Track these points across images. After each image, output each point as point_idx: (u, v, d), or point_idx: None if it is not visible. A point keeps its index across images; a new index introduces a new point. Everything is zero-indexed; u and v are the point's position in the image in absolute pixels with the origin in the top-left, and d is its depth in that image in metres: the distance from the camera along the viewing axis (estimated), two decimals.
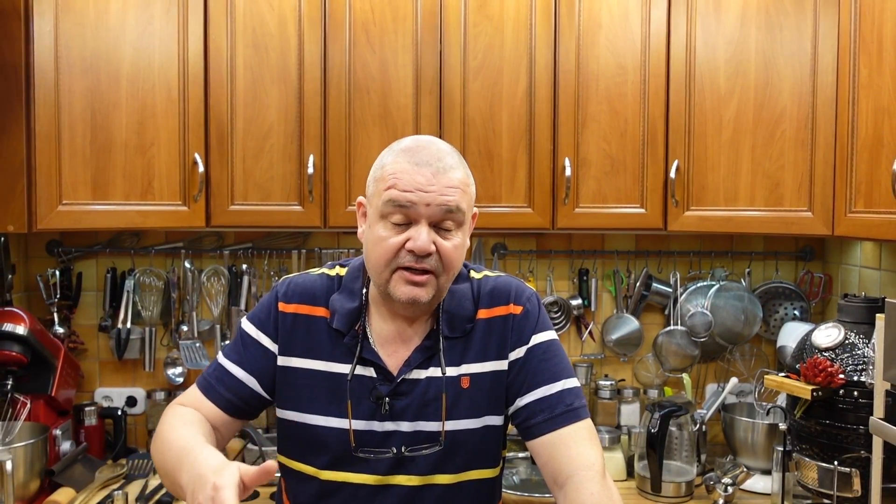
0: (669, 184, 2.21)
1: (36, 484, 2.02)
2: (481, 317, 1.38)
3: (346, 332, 1.35)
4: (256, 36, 2.19)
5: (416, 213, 1.26)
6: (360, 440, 1.33)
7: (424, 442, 1.33)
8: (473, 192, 1.35)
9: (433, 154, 1.28)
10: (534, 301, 1.41)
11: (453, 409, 1.34)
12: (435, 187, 1.25)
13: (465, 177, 1.30)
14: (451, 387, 1.34)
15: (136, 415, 2.56)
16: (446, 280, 1.31)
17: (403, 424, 1.33)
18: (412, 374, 1.34)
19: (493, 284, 1.41)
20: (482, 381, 1.36)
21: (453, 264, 1.29)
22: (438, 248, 1.27)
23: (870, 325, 1.84)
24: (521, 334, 1.38)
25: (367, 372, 1.34)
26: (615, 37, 2.21)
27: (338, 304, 1.37)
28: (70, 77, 2.11)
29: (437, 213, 1.26)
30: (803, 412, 1.90)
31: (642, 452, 2.23)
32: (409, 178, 1.25)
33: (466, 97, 2.21)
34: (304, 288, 1.40)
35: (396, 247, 1.26)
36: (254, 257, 2.54)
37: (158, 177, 2.17)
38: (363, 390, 1.34)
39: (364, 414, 1.33)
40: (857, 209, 1.98)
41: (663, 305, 2.61)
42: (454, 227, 1.28)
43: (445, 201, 1.26)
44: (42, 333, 2.20)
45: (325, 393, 1.34)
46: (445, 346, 1.35)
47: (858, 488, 1.80)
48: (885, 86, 1.85)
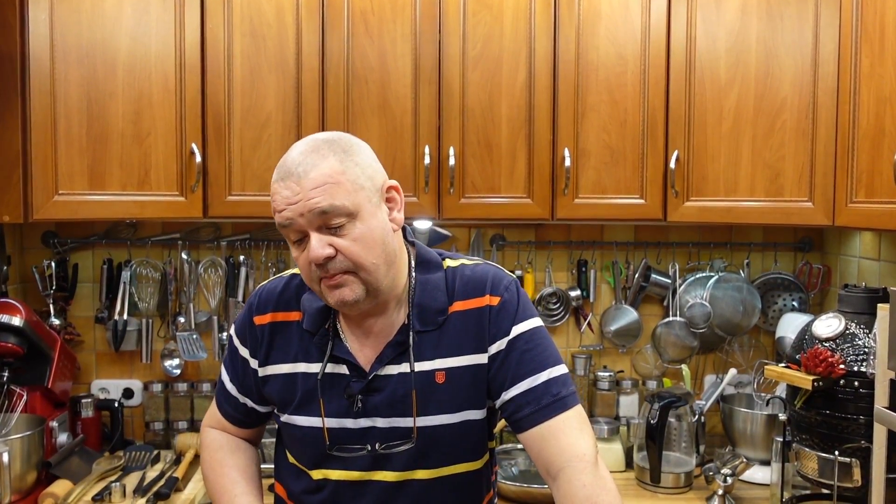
0: (669, 174, 2.20)
1: (33, 476, 2.02)
2: (456, 309, 1.34)
3: (315, 331, 1.35)
4: (254, 25, 2.17)
5: (300, 226, 1.23)
6: (334, 438, 1.33)
7: (399, 438, 1.32)
8: (360, 173, 1.25)
9: (295, 160, 1.24)
10: (512, 289, 1.36)
11: (427, 404, 1.31)
12: (300, 195, 1.21)
13: (336, 165, 1.23)
14: (424, 382, 1.31)
15: (133, 407, 2.54)
16: (369, 273, 1.25)
17: (378, 421, 1.32)
18: (384, 370, 1.32)
19: (470, 274, 1.36)
20: (459, 375, 1.32)
21: (362, 257, 1.24)
22: (339, 249, 1.23)
23: (870, 316, 1.84)
24: (499, 326, 1.33)
25: (339, 370, 1.34)
26: (615, 26, 2.20)
27: (307, 303, 1.37)
28: (66, 66, 2.09)
29: (315, 219, 1.22)
30: (803, 402, 1.90)
31: (641, 443, 2.23)
32: (280, 197, 1.23)
33: (465, 87, 2.20)
34: (276, 294, 1.40)
35: (306, 264, 1.25)
36: (251, 248, 2.53)
37: (155, 167, 2.16)
38: (336, 388, 1.33)
39: (338, 412, 1.33)
40: (858, 199, 1.97)
41: (662, 296, 2.60)
42: (344, 220, 1.23)
43: (314, 205, 1.21)
44: (38, 325, 2.19)
45: (301, 393, 1.35)
46: (417, 340, 1.32)
47: (858, 478, 1.80)
48: (887, 75, 1.84)
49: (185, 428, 2.49)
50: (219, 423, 1.50)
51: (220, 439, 1.49)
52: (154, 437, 2.49)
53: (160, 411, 2.50)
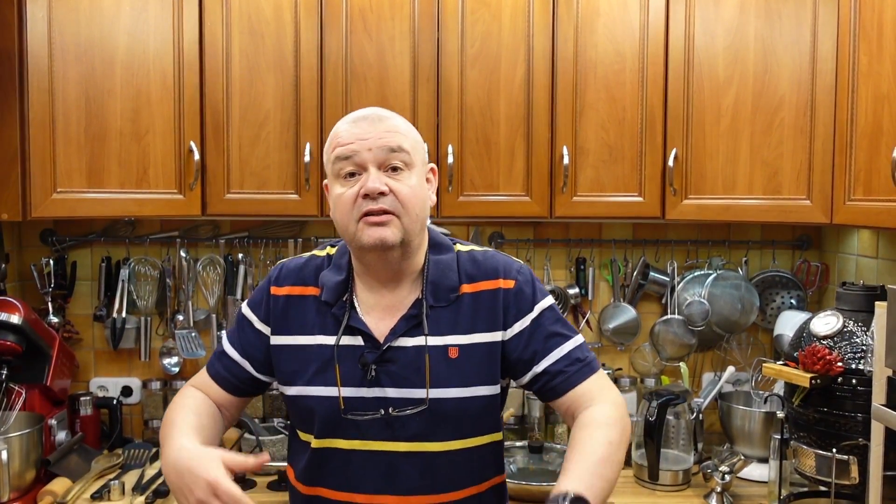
0: (668, 172, 2.20)
1: (32, 474, 2.02)
2: (468, 290, 1.41)
3: (333, 303, 1.41)
4: (252, 23, 2.17)
5: (362, 160, 1.32)
6: (348, 405, 1.37)
7: (411, 406, 1.36)
8: (418, 139, 1.40)
9: (370, 112, 1.37)
10: (525, 272, 1.45)
11: (439, 377, 1.37)
12: (373, 133, 1.33)
13: (406, 126, 1.38)
14: (438, 355, 1.37)
15: (132, 404, 2.55)
16: (411, 221, 1.34)
17: (389, 391, 1.37)
18: (398, 341, 1.38)
19: (480, 258, 1.44)
20: (471, 351, 1.39)
21: (411, 204, 1.33)
22: (392, 189, 1.32)
23: (868, 313, 1.84)
24: (520, 307, 1.41)
25: (354, 341, 1.39)
26: (613, 24, 2.20)
27: (326, 278, 1.43)
28: (64, 64, 2.09)
29: (381, 154, 1.32)
30: (801, 400, 1.90)
31: (640, 441, 2.24)
32: (348, 133, 1.34)
33: (464, 85, 2.20)
34: (296, 270, 1.47)
35: (353, 197, 1.32)
36: (250, 246, 2.53)
37: (154, 165, 2.16)
38: (351, 358, 1.38)
39: (352, 381, 1.38)
40: (856, 197, 1.98)
41: (660, 294, 2.61)
42: (403, 167, 1.33)
43: (385, 142, 1.32)
44: (37, 323, 2.19)
45: (316, 364, 1.40)
46: (431, 314, 1.38)
47: (856, 476, 1.80)
48: (885, 73, 1.84)
49: None
50: (202, 384, 1.49)
51: (193, 399, 1.46)
52: (153, 434, 2.49)
53: (159, 409, 2.50)
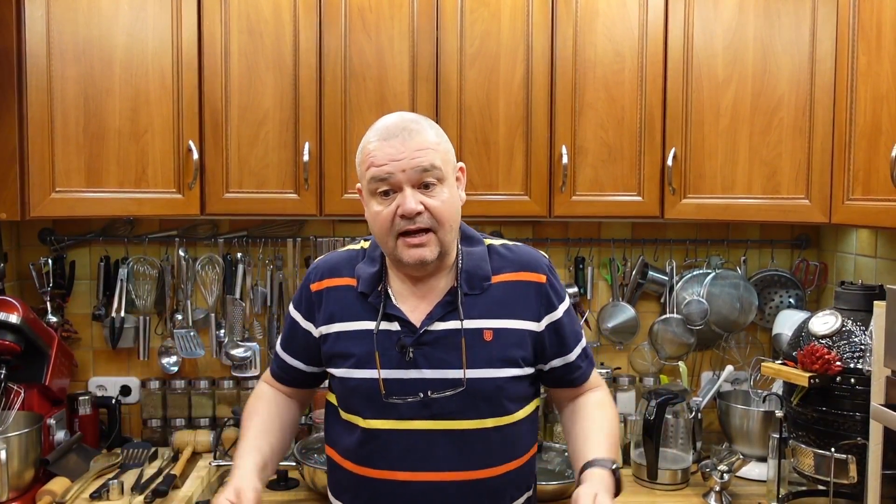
0: (666, 171, 2.20)
1: (30, 473, 2.02)
2: (501, 279, 1.51)
3: (369, 293, 1.50)
4: (251, 22, 2.16)
5: (397, 181, 1.40)
6: (389, 388, 1.45)
7: (449, 387, 1.45)
8: (448, 149, 1.47)
9: (399, 125, 1.42)
10: (552, 268, 1.57)
11: (475, 358, 1.45)
12: (405, 153, 1.39)
13: (435, 136, 1.44)
14: (473, 337, 1.46)
15: (131, 404, 2.54)
16: (445, 234, 1.43)
17: (427, 372, 1.45)
18: (434, 325, 1.46)
19: (510, 252, 1.55)
20: (505, 335, 1.48)
21: (446, 218, 1.42)
22: (427, 206, 1.40)
23: (867, 313, 1.84)
24: (550, 301, 1.52)
25: (391, 326, 1.47)
26: (612, 24, 2.20)
27: (361, 270, 1.52)
28: (62, 63, 2.09)
29: (415, 175, 1.39)
30: (800, 399, 1.90)
31: (638, 440, 2.24)
32: (382, 153, 1.40)
33: (463, 84, 2.20)
34: (331, 264, 1.57)
35: (390, 216, 1.41)
36: (249, 245, 2.53)
37: (152, 164, 2.16)
38: (389, 342, 1.47)
39: (391, 364, 1.46)
40: (855, 196, 1.98)
41: (659, 294, 2.61)
42: (436, 183, 1.41)
43: (418, 163, 1.39)
44: (35, 322, 2.19)
45: (357, 349, 1.48)
46: (465, 301, 1.47)
47: (855, 475, 1.80)
48: (884, 73, 1.84)
49: (183, 425, 2.49)
50: (268, 379, 1.68)
51: (264, 390, 1.67)
52: (152, 434, 2.49)
53: (158, 408, 2.50)
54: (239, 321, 2.49)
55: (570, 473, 2.22)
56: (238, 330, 2.49)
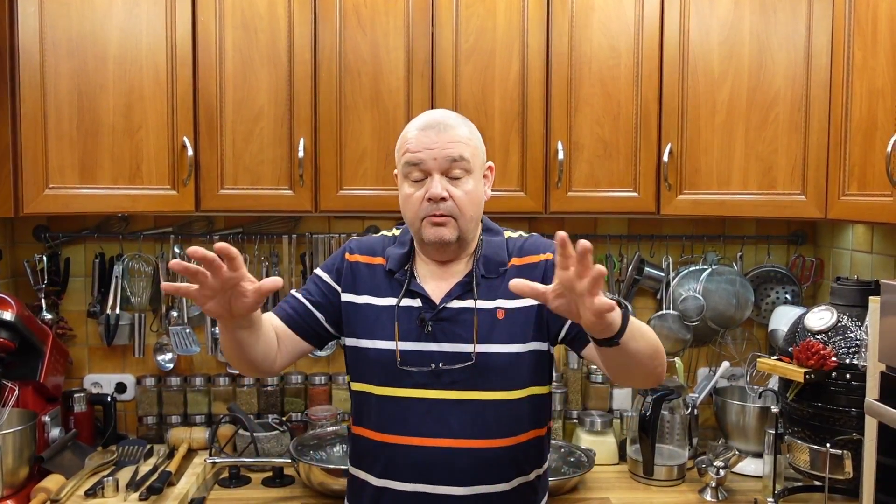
0: (662, 167, 2.20)
1: (25, 471, 2.01)
2: (515, 263, 1.62)
3: (396, 271, 1.62)
4: (245, 17, 2.16)
5: (427, 167, 1.53)
6: (404, 358, 1.57)
7: (460, 360, 1.55)
8: (479, 146, 1.60)
9: (437, 119, 1.57)
10: None
11: (487, 334, 1.56)
12: (438, 143, 1.52)
13: (468, 133, 1.57)
14: (486, 316, 1.57)
15: (126, 401, 2.54)
16: (466, 222, 1.55)
17: (444, 345, 1.56)
18: (452, 303, 1.58)
19: (526, 239, 1.67)
20: (516, 314, 1.58)
21: (467, 208, 1.54)
22: (452, 195, 1.52)
23: (862, 308, 1.84)
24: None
25: (413, 303, 1.59)
26: (608, 19, 2.19)
27: (391, 252, 1.66)
28: (56, 59, 2.08)
29: (445, 164, 1.52)
30: (795, 395, 1.90)
31: (634, 436, 2.24)
32: (418, 141, 1.54)
33: (458, 80, 2.19)
34: (368, 244, 1.70)
35: (419, 199, 1.54)
36: (244, 242, 2.52)
37: (147, 160, 2.15)
38: (410, 317, 1.59)
39: (410, 336, 1.58)
40: (851, 192, 1.98)
41: (655, 289, 2.61)
42: (463, 174, 1.53)
43: (449, 153, 1.52)
44: (30, 319, 2.18)
45: (379, 321, 1.60)
46: (482, 283, 1.59)
47: (850, 470, 1.81)
48: (880, 68, 1.84)
49: (179, 422, 2.48)
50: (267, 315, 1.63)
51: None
52: (147, 431, 2.49)
53: (153, 406, 2.50)
54: None
55: (565, 469, 2.22)
56: None
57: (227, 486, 2.17)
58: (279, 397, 2.52)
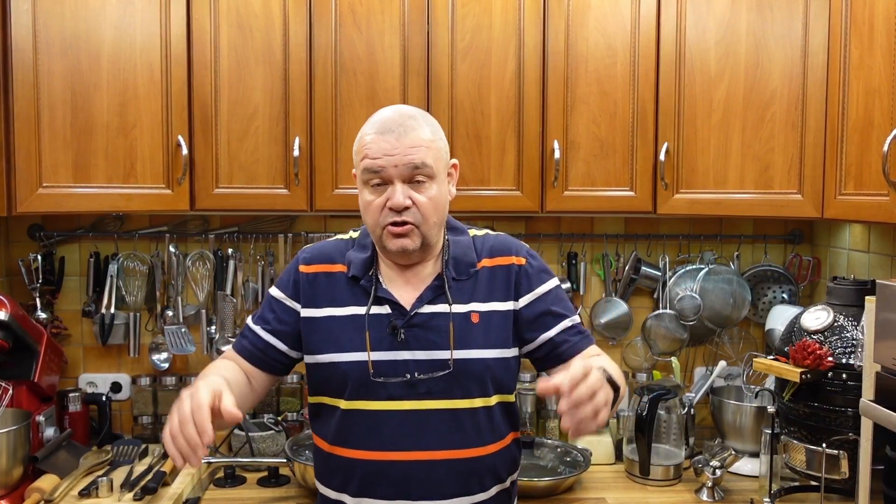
0: (659, 166, 2.19)
1: (19, 471, 2.00)
2: (486, 265, 1.57)
3: (361, 277, 1.55)
4: (240, 16, 2.15)
5: (388, 175, 1.45)
6: (377, 369, 1.49)
7: (435, 369, 1.49)
8: (442, 146, 1.51)
9: (396, 121, 1.47)
10: (533, 254, 1.63)
11: (463, 339, 1.51)
12: (399, 149, 1.44)
13: (429, 134, 1.48)
14: (461, 320, 1.52)
15: (121, 401, 2.53)
16: (429, 228, 1.48)
17: (417, 353, 1.50)
18: (424, 308, 1.52)
19: (493, 240, 1.62)
20: (490, 317, 1.54)
21: (430, 214, 1.47)
22: (415, 202, 1.45)
23: (859, 308, 1.84)
24: (530, 282, 1.57)
25: (382, 310, 1.52)
26: (604, 17, 2.19)
27: (353, 257, 1.58)
28: (49, 57, 2.07)
29: (406, 171, 1.45)
30: (791, 395, 1.90)
31: (631, 436, 2.23)
32: (377, 146, 1.45)
33: (454, 79, 2.18)
34: (322, 251, 1.61)
35: (380, 207, 1.47)
36: (240, 241, 2.51)
37: (141, 159, 2.14)
38: (380, 325, 1.51)
39: (381, 345, 1.50)
40: (848, 191, 1.97)
41: (652, 289, 2.60)
42: (426, 180, 1.46)
43: (410, 160, 1.44)
44: (24, 319, 2.17)
45: (347, 332, 1.52)
46: (453, 286, 1.53)
47: (846, 470, 1.80)
48: (876, 66, 1.83)
49: None
50: (231, 356, 1.62)
51: (224, 365, 1.58)
52: (142, 431, 2.48)
53: (148, 405, 2.49)
54: (230, 317, 2.48)
55: (562, 469, 2.21)
56: (229, 326, 2.47)
57: (222, 486, 2.16)
58: (274, 397, 2.52)
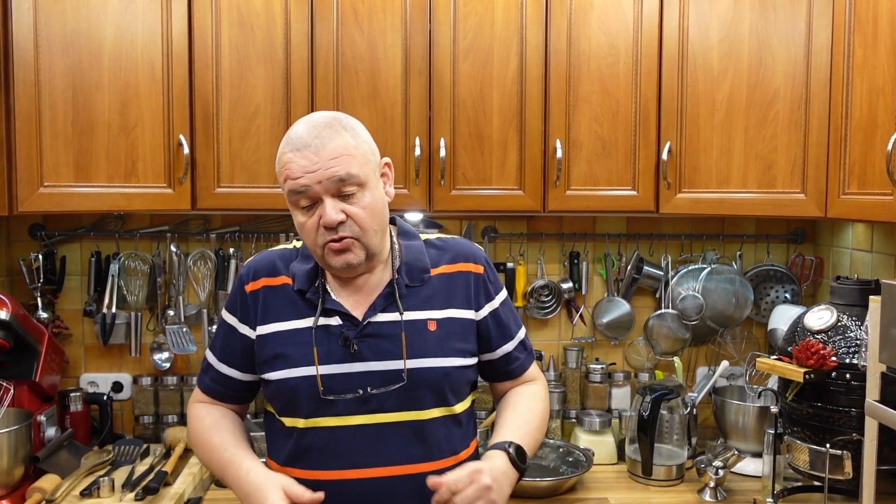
0: (661, 166, 2.19)
1: (20, 471, 2.00)
2: (441, 271, 1.52)
3: (307, 289, 1.47)
4: (242, 14, 2.14)
5: (315, 193, 1.37)
6: (328, 384, 1.42)
7: (390, 380, 1.42)
8: (367, 150, 1.42)
9: (310, 133, 1.38)
10: (489, 261, 1.60)
11: (419, 348, 1.44)
12: (319, 164, 1.35)
13: (350, 139, 1.39)
14: (417, 328, 1.45)
15: (123, 400, 2.53)
16: (370, 238, 1.41)
17: (372, 364, 1.43)
18: (377, 317, 1.45)
19: (446, 244, 1.56)
20: (448, 325, 1.48)
21: (368, 223, 1.40)
22: (349, 214, 1.38)
23: (862, 308, 1.83)
24: (488, 292, 1.55)
25: (332, 321, 1.45)
26: (607, 16, 2.18)
27: (297, 268, 1.50)
28: (50, 55, 2.06)
29: (332, 185, 1.36)
30: (795, 395, 1.89)
31: (633, 436, 2.23)
32: (296, 165, 1.36)
33: (456, 78, 2.18)
34: (265, 264, 1.53)
35: (314, 227, 1.39)
36: (241, 241, 2.51)
37: (143, 158, 2.13)
38: (330, 338, 1.44)
39: (333, 359, 1.43)
40: (851, 191, 1.97)
41: (654, 289, 2.60)
42: (356, 189, 1.38)
43: (333, 173, 1.35)
44: (25, 318, 2.17)
45: (296, 347, 1.45)
46: (406, 293, 1.47)
47: (850, 471, 1.80)
48: (880, 65, 1.83)
49: (175, 422, 2.47)
50: (200, 398, 1.60)
51: (203, 410, 1.57)
52: (143, 430, 2.48)
53: (150, 405, 2.49)
54: None
55: (564, 470, 2.21)
56: None
57: (223, 487, 2.16)
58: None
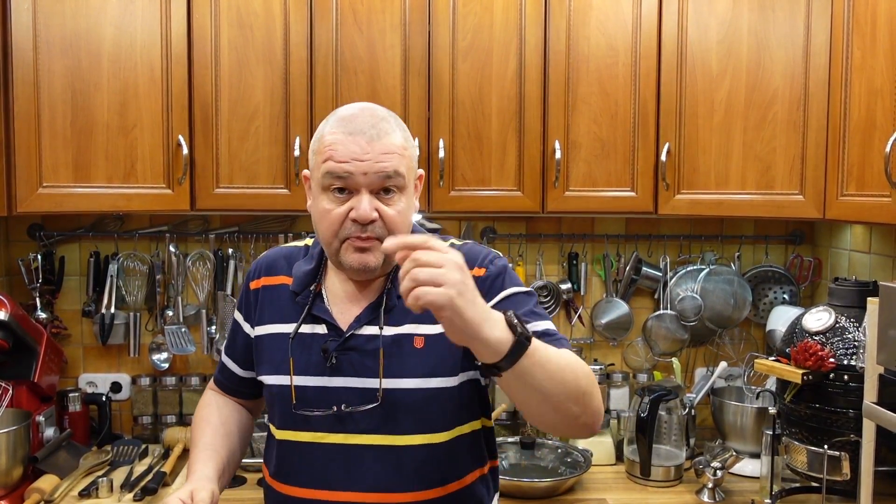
0: (660, 167, 2.19)
1: (19, 471, 2.00)
2: None
3: (300, 292, 1.39)
4: (241, 15, 2.14)
5: (355, 183, 1.27)
6: (301, 397, 1.34)
7: (365, 399, 1.32)
8: (414, 155, 1.36)
9: (367, 121, 1.29)
10: (498, 263, 1.38)
11: (400, 367, 1.32)
12: (370, 155, 1.26)
13: (402, 140, 1.31)
14: (401, 345, 1.33)
15: (121, 401, 2.52)
16: None
17: (349, 380, 1.33)
18: (361, 329, 1.34)
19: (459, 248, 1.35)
20: (438, 341, 1.31)
21: (398, 229, 1.30)
22: (382, 215, 1.28)
23: (861, 309, 1.84)
24: (490, 290, 1.33)
25: (317, 329, 1.36)
26: (606, 17, 2.18)
27: (298, 269, 1.42)
28: (49, 56, 2.07)
29: (376, 181, 1.27)
30: (793, 396, 1.89)
31: (632, 437, 2.23)
32: (344, 149, 1.27)
33: (455, 78, 2.18)
34: (269, 261, 1.47)
35: (341, 217, 1.28)
36: (240, 241, 2.51)
37: (142, 159, 2.13)
38: (312, 347, 1.36)
39: (310, 370, 1.35)
40: (849, 192, 1.97)
41: (653, 289, 2.60)
42: (396, 191, 1.30)
43: (382, 168, 1.27)
44: (24, 318, 2.17)
45: (275, 352, 1.39)
46: (398, 304, 1.33)
47: (848, 472, 1.80)
48: (879, 67, 1.83)
49: (174, 422, 2.47)
50: (213, 386, 1.60)
51: (207, 398, 1.57)
52: (142, 431, 2.48)
53: (148, 405, 2.49)
54: (230, 317, 2.47)
55: (562, 470, 2.21)
56: (229, 326, 2.46)
57: None
58: None
